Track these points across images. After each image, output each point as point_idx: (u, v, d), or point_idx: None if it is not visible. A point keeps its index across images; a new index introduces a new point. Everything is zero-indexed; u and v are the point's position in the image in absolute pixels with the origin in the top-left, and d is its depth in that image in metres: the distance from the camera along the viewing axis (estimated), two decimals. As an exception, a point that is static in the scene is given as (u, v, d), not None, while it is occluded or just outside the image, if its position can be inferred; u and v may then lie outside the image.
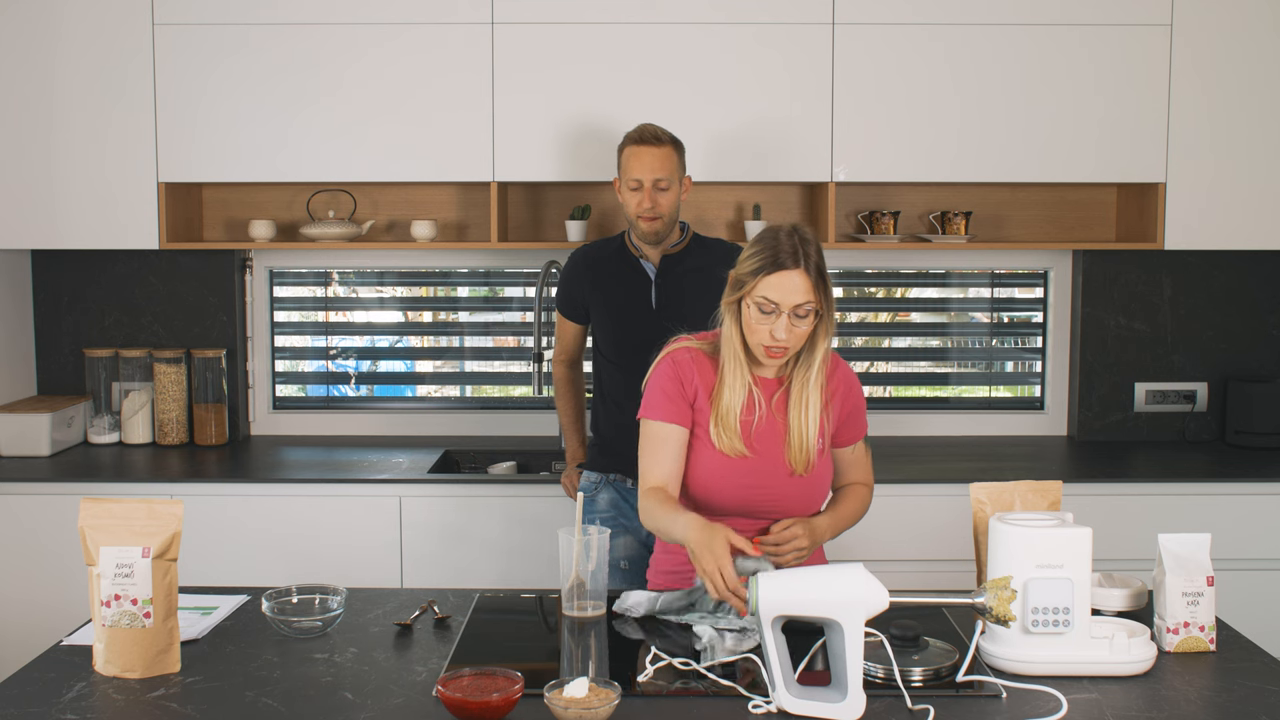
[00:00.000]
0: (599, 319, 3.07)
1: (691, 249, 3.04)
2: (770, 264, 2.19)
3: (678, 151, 2.98)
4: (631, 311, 3.00)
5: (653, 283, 3.00)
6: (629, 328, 2.99)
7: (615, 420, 2.99)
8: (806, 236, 2.23)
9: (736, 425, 2.25)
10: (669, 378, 2.29)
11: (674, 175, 2.95)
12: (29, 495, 3.26)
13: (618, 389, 3.00)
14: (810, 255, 2.21)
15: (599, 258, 3.08)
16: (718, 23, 3.42)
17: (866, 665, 1.83)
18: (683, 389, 2.29)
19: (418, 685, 1.83)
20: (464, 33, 3.42)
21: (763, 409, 2.28)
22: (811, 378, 2.28)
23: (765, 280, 2.19)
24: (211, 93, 3.44)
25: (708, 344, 2.34)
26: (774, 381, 2.31)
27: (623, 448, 2.85)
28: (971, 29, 3.43)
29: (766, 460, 2.26)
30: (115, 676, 1.85)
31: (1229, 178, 3.47)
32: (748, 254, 2.24)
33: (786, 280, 2.18)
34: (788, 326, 2.20)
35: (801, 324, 2.21)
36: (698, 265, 3.00)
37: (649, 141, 2.95)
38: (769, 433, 2.28)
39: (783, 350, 2.22)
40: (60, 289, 3.80)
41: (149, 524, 1.87)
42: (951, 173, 3.50)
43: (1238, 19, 3.43)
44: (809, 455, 2.28)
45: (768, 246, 2.22)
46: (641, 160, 2.94)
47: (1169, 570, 1.98)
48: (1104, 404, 3.84)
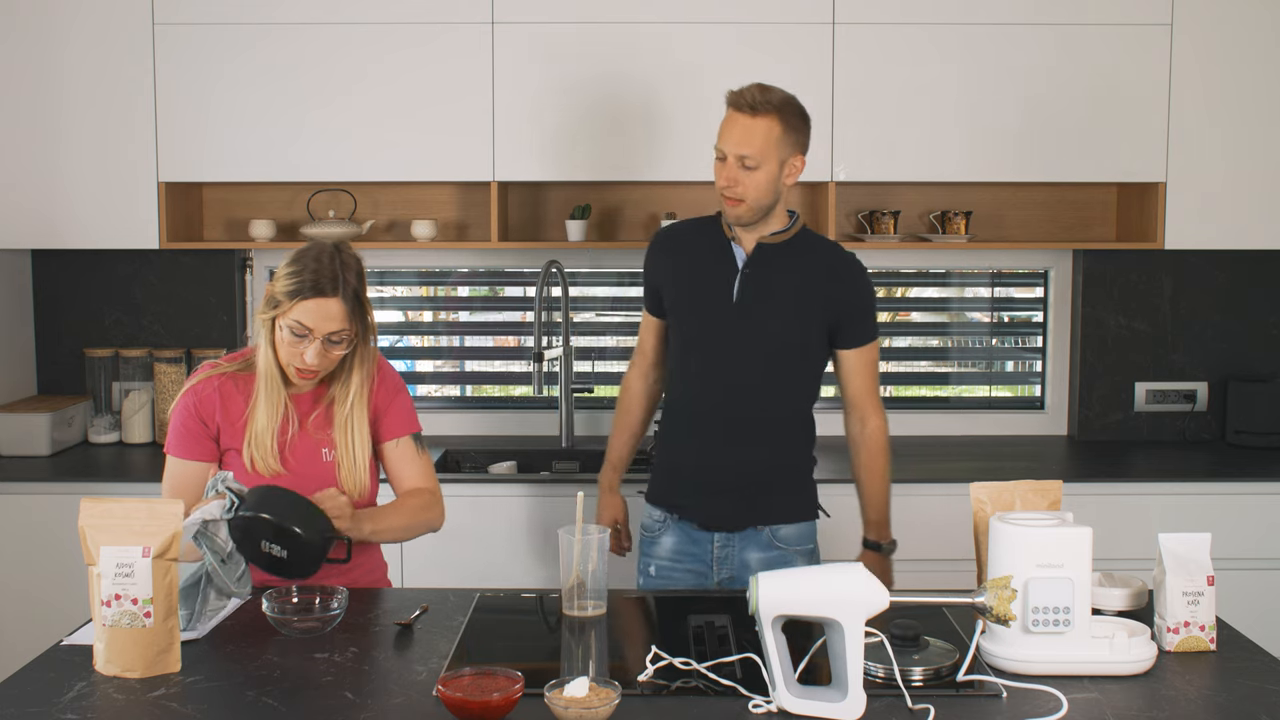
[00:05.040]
0: (671, 305, 2.62)
1: (796, 243, 2.56)
2: (308, 289, 2.18)
3: (784, 124, 2.44)
4: (707, 301, 2.55)
5: (739, 272, 2.54)
6: (701, 320, 2.56)
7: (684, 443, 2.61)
8: (348, 260, 2.23)
9: (272, 445, 2.27)
10: (190, 415, 2.30)
11: (768, 153, 2.43)
12: (29, 495, 3.26)
13: (684, 399, 2.61)
14: (349, 281, 2.22)
15: (683, 233, 2.66)
16: (718, 22, 3.42)
17: (866, 665, 1.83)
18: (204, 426, 2.30)
19: (418, 685, 1.83)
20: (464, 32, 3.42)
21: (296, 427, 2.30)
22: (351, 398, 2.31)
23: (301, 305, 2.18)
24: (211, 92, 3.44)
25: (237, 363, 2.34)
26: (308, 397, 2.33)
27: (683, 476, 2.61)
28: (972, 28, 3.43)
29: (303, 478, 2.27)
30: (115, 676, 1.85)
31: (1229, 178, 3.47)
32: (286, 272, 2.22)
33: (322, 307, 2.19)
34: (320, 351, 2.21)
35: (335, 350, 2.23)
36: (797, 263, 2.55)
37: (742, 108, 2.44)
38: (303, 448, 2.31)
39: (314, 373, 2.25)
40: (60, 289, 3.80)
41: (149, 524, 1.87)
42: (951, 173, 3.50)
43: (1238, 19, 3.43)
44: (360, 478, 2.32)
45: (307, 269, 2.20)
46: (731, 129, 2.45)
47: (1169, 570, 1.98)
48: (1104, 404, 3.84)
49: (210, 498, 2.10)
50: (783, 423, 2.60)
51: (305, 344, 2.21)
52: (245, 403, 2.30)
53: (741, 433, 2.56)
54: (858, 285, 2.57)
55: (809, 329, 2.55)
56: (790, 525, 2.60)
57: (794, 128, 2.46)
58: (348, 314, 2.22)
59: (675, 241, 2.65)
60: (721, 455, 2.57)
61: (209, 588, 2.02)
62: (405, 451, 2.42)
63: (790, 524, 2.60)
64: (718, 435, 2.57)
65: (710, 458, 2.58)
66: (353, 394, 2.32)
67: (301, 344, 2.21)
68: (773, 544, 2.59)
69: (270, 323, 2.24)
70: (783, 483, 2.61)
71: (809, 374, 2.61)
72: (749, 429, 2.57)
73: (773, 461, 2.59)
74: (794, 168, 2.49)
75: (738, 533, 2.59)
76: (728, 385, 2.56)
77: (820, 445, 2.70)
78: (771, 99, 2.43)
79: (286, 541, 2.08)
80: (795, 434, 2.62)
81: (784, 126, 2.44)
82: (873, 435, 2.62)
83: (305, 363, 2.22)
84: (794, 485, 2.63)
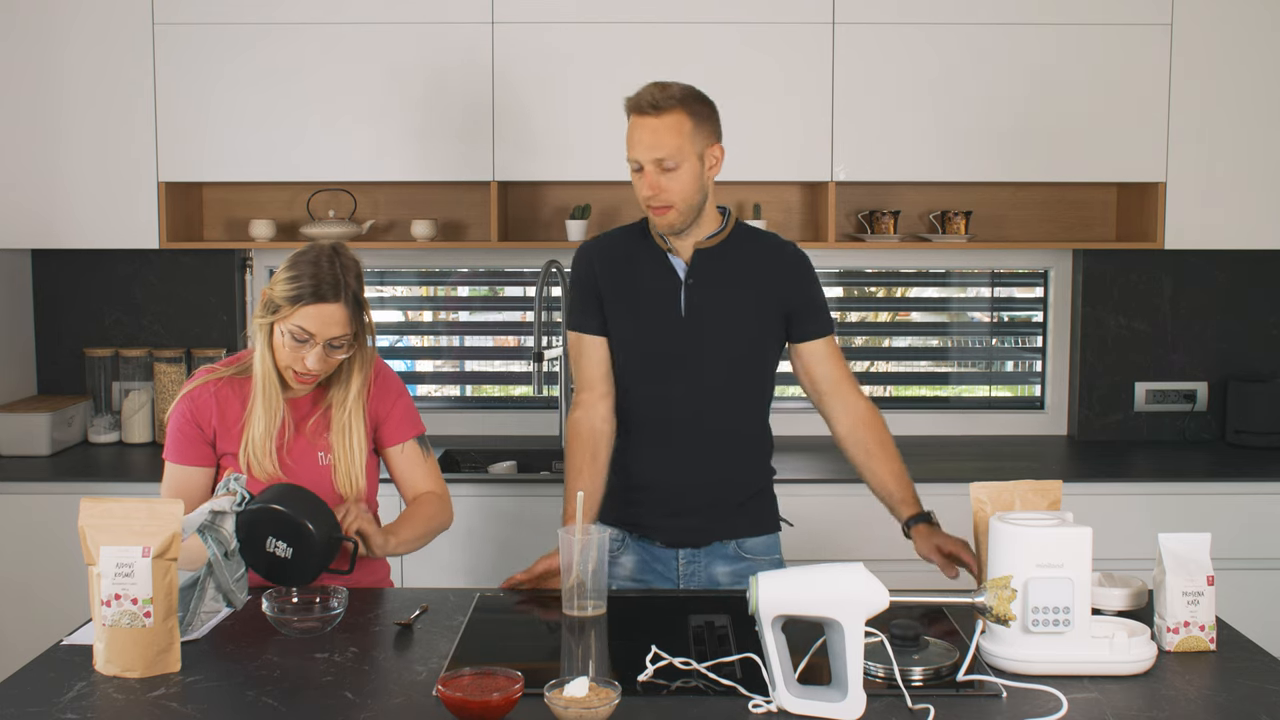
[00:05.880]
0: (615, 328, 2.44)
1: (733, 241, 2.42)
2: (309, 294, 2.16)
3: (692, 116, 2.28)
4: (653, 318, 2.41)
5: (682, 284, 2.40)
6: (651, 340, 2.41)
7: (640, 461, 2.45)
8: (347, 263, 2.22)
9: (270, 449, 2.26)
10: (187, 420, 2.29)
11: (684, 149, 2.27)
12: (29, 495, 3.26)
13: (638, 418, 2.45)
14: (350, 285, 2.21)
15: (614, 244, 2.47)
16: (718, 21, 3.42)
17: (866, 665, 1.83)
18: (201, 432, 2.28)
19: (418, 685, 1.83)
20: (464, 32, 3.42)
21: (292, 431, 2.30)
22: (350, 402, 2.30)
23: (303, 310, 2.17)
24: (211, 92, 3.44)
25: (233, 367, 2.33)
26: (305, 401, 2.33)
27: (647, 497, 2.45)
28: (972, 28, 3.43)
29: (299, 482, 2.26)
30: (115, 676, 1.85)
31: (1229, 178, 3.47)
32: (285, 277, 2.19)
33: (324, 313, 2.17)
34: (321, 356, 2.20)
35: (336, 354, 2.23)
36: (741, 264, 2.41)
37: (645, 110, 2.28)
38: (299, 452, 2.30)
39: (314, 378, 2.24)
40: (60, 289, 3.80)
41: (149, 524, 1.87)
42: (951, 173, 3.50)
43: (1238, 19, 3.43)
44: (357, 482, 2.31)
45: (307, 275, 2.18)
46: (639, 135, 2.29)
47: (1169, 570, 1.98)
48: (1104, 404, 3.84)
49: (221, 494, 2.09)
50: (744, 433, 2.48)
51: (307, 349, 2.20)
52: (242, 407, 2.29)
53: (704, 448, 2.43)
54: (807, 274, 2.44)
55: (766, 332, 2.43)
56: (756, 537, 2.50)
57: (703, 116, 2.31)
58: (349, 317, 2.22)
59: (609, 253, 2.45)
60: (684, 473, 2.43)
61: (208, 580, 2.02)
62: (411, 456, 2.42)
63: (756, 536, 2.50)
64: (679, 453, 2.43)
65: (672, 476, 2.44)
66: (350, 397, 2.31)
67: (303, 349, 2.20)
68: (739, 555, 2.48)
69: (268, 327, 2.23)
70: (747, 495, 2.49)
71: (766, 378, 2.49)
72: (711, 443, 2.43)
73: (737, 476, 2.47)
74: (714, 158, 2.34)
75: (703, 548, 2.47)
76: (685, 401, 2.41)
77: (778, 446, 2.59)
78: (672, 93, 2.28)
79: (293, 538, 2.07)
80: (757, 444, 2.51)
81: (693, 118, 2.28)
82: (866, 415, 2.43)
83: (307, 368, 2.22)
84: (758, 497, 2.51)
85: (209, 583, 2.02)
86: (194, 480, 2.29)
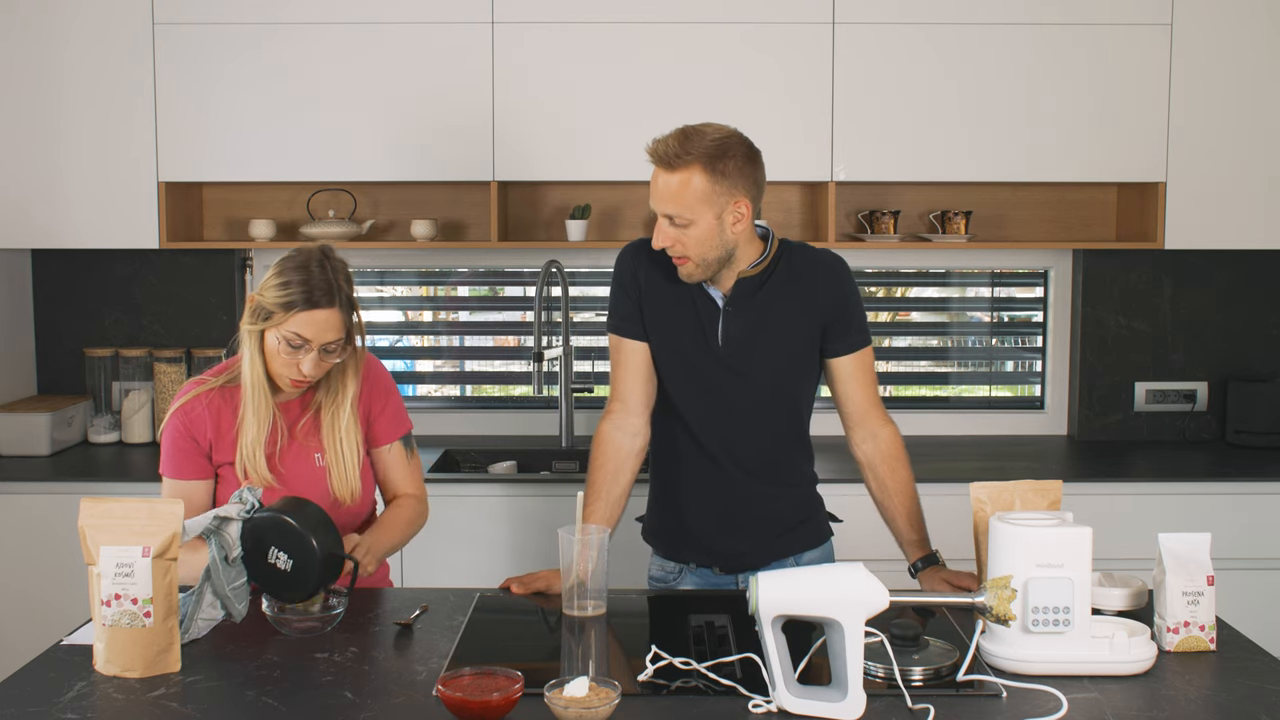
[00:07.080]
0: (652, 345, 2.34)
1: (776, 268, 2.29)
2: (303, 301, 2.15)
3: (710, 173, 2.13)
4: (688, 348, 2.30)
5: (720, 310, 2.29)
6: (685, 367, 2.31)
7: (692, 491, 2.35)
8: (338, 266, 2.21)
9: (262, 457, 2.25)
10: (182, 434, 2.28)
11: (695, 208, 2.14)
12: (29, 495, 3.26)
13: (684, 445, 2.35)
14: (342, 288, 2.20)
15: (656, 257, 2.30)
16: (718, 22, 3.42)
17: (866, 665, 1.83)
18: (196, 445, 2.27)
19: (418, 685, 1.83)
20: (464, 32, 3.42)
21: (285, 435, 2.29)
22: (343, 404, 2.29)
23: (297, 317, 2.16)
24: (211, 92, 3.44)
25: (222, 377, 2.31)
26: (296, 404, 2.32)
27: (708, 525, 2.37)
28: (972, 28, 3.43)
29: (295, 486, 2.27)
30: (115, 676, 1.85)
31: (1229, 178, 3.47)
32: (276, 283, 2.17)
33: (319, 318, 2.16)
34: (316, 361, 2.19)
35: (330, 358, 2.22)
36: (780, 286, 2.29)
37: (659, 162, 2.16)
38: (293, 456, 2.30)
39: (308, 382, 2.23)
40: (60, 289, 3.80)
41: (149, 524, 1.87)
42: (951, 172, 3.50)
43: (1238, 19, 3.43)
44: (352, 482, 2.31)
45: (299, 281, 2.16)
46: (654, 186, 2.18)
47: (1169, 570, 1.98)
48: (1104, 404, 3.84)
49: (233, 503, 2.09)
50: (790, 452, 2.41)
51: (302, 354, 2.19)
52: (235, 416, 2.28)
53: (753, 472, 2.36)
54: (844, 285, 2.34)
55: (809, 351, 2.34)
56: (813, 550, 2.46)
57: (724, 174, 2.14)
58: (343, 321, 2.21)
59: (653, 262, 2.32)
60: (737, 500, 2.36)
61: (205, 587, 2.02)
62: (396, 457, 2.42)
63: (813, 549, 2.46)
64: (729, 479, 2.36)
65: (724, 502, 2.37)
66: (342, 398, 2.30)
67: (297, 355, 2.19)
68: None
69: (258, 334, 2.21)
70: (800, 512, 2.44)
71: (810, 392, 2.42)
72: (760, 467, 2.37)
73: (788, 494, 2.42)
74: (738, 215, 2.18)
75: (762, 569, 2.35)
76: (730, 425, 2.33)
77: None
78: (692, 148, 2.12)
79: (295, 550, 2.06)
80: (803, 459, 2.46)
81: (710, 176, 2.13)
82: (887, 448, 2.35)
83: (302, 373, 2.20)
84: (810, 511, 2.47)
85: (206, 589, 2.02)
86: (193, 494, 2.28)
